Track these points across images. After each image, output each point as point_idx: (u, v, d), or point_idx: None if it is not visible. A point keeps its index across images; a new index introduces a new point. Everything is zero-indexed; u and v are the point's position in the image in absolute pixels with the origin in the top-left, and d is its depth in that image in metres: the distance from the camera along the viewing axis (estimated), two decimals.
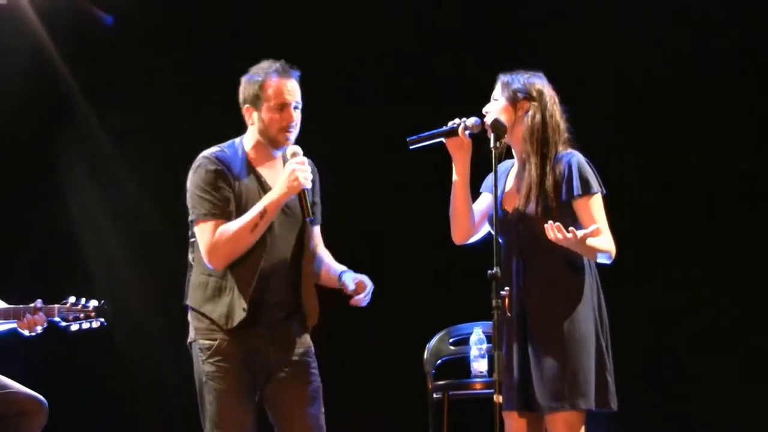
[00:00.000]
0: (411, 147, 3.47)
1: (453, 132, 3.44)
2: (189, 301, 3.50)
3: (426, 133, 3.46)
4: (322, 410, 3.50)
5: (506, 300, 3.23)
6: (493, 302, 3.19)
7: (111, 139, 5.58)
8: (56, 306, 4.03)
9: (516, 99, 3.47)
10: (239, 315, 3.38)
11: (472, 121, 3.45)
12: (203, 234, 3.41)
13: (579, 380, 3.32)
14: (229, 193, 3.42)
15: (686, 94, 5.26)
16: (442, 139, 3.45)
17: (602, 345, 3.39)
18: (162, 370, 5.33)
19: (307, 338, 3.54)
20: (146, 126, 5.51)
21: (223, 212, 3.40)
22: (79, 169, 5.63)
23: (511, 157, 3.58)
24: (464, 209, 3.49)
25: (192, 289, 3.49)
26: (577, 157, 3.44)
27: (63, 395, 4.45)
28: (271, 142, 3.49)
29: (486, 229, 3.57)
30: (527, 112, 3.45)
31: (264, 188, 3.46)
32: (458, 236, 3.54)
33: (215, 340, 3.42)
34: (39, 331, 4.02)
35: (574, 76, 4.97)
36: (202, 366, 3.42)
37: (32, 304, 4.01)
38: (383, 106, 5.50)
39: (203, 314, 3.44)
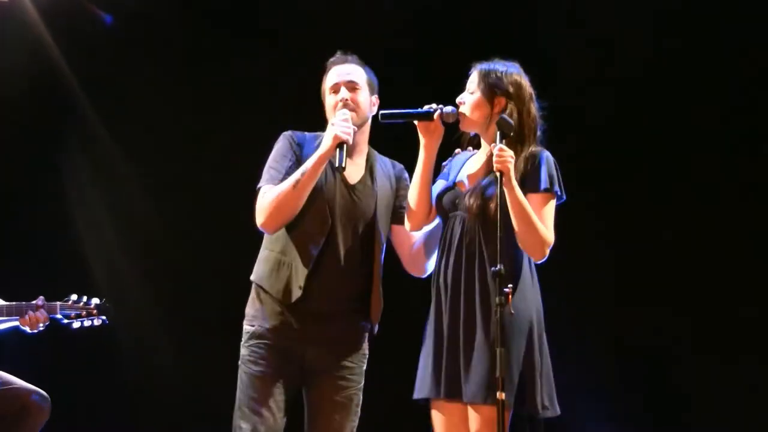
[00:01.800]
0: (382, 121, 3.45)
1: (428, 116, 3.40)
2: (253, 276, 3.55)
3: (401, 111, 3.43)
4: (352, 419, 3.48)
5: (509, 297, 3.18)
6: (497, 299, 3.14)
7: (112, 136, 5.58)
8: (58, 303, 4.05)
9: (493, 94, 3.42)
10: (296, 293, 3.39)
11: (449, 109, 3.41)
12: (258, 200, 3.47)
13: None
14: (293, 166, 3.46)
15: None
16: (414, 121, 3.41)
17: (535, 343, 3.33)
18: (164, 367, 5.34)
19: (362, 340, 3.53)
20: (148, 124, 5.51)
21: (281, 181, 3.44)
22: (79, 166, 5.62)
23: (478, 146, 3.54)
24: (426, 195, 3.44)
25: (257, 264, 3.55)
26: (549, 155, 3.41)
27: (65, 391, 4.44)
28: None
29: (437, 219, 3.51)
30: (504, 109, 3.41)
31: (333, 172, 3.47)
32: (416, 222, 3.47)
33: (256, 326, 3.46)
34: (41, 329, 4.03)
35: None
36: (241, 350, 3.48)
37: (34, 302, 4.02)
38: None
39: (263, 288, 3.47)
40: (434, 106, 3.41)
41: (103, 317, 4.08)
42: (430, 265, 3.55)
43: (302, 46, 5.24)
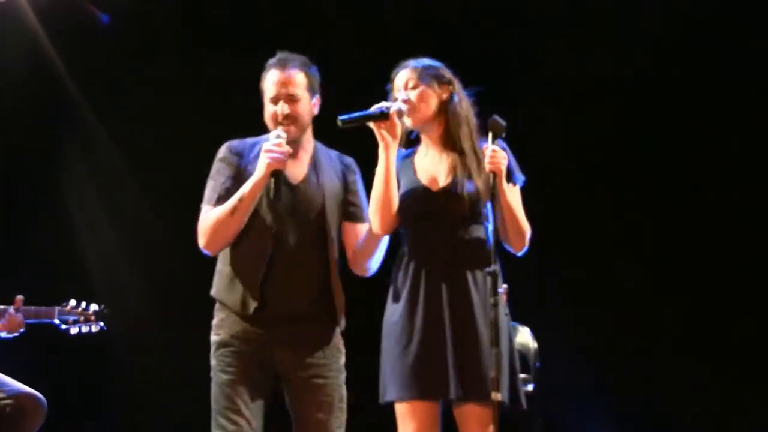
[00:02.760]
0: (342, 127, 3.34)
1: (384, 115, 3.32)
2: (212, 290, 3.51)
3: (357, 114, 3.33)
4: (337, 416, 3.41)
5: (504, 296, 3.19)
6: (491, 299, 3.13)
7: (111, 139, 5.58)
8: (56, 308, 4.01)
9: (438, 84, 3.43)
10: (252, 304, 3.35)
11: (400, 105, 3.35)
12: (199, 220, 3.43)
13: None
14: (231, 181, 3.41)
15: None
16: (370, 123, 3.33)
17: (511, 342, 3.37)
18: (161, 370, 5.34)
19: (330, 337, 3.45)
20: (147, 125, 5.51)
21: (219, 199, 3.39)
22: (78, 169, 5.63)
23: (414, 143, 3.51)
24: (391, 197, 3.35)
25: (214, 278, 3.50)
26: (504, 145, 3.39)
27: (61, 394, 4.44)
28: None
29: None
30: (452, 97, 3.42)
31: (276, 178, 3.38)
32: (386, 226, 3.38)
33: (222, 335, 3.42)
34: (20, 332, 3.96)
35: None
36: (211, 360, 3.44)
37: (11, 307, 3.93)
38: None
39: (222, 302, 3.44)
40: (385, 104, 3.35)
41: (101, 323, 4.04)
42: (374, 264, 3.48)
43: (303, 47, 5.24)
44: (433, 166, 3.44)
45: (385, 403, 3.35)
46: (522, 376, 4.44)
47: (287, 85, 3.43)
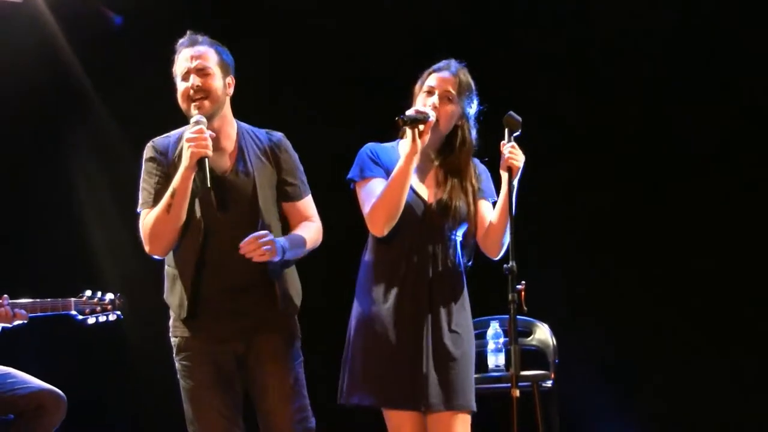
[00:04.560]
0: (402, 125, 3.34)
1: (424, 121, 3.32)
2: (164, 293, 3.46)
3: (411, 115, 3.32)
4: (301, 402, 3.35)
5: (521, 294, 3.20)
6: (510, 296, 3.16)
7: (123, 134, 5.58)
8: (72, 299, 4.02)
9: (462, 110, 3.45)
10: (188, 305, 3.28)
11: (434, 116, 3.35)
12: (139, 225, 3.36)
13: (471, 382, 3.38)
14: (162, 180, 3.32)
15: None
16: (417, 124, 3.31)
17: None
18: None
19: (282, 324, 3.38)
20: (158, 120, 5.50)
21: (154, 201, 3.31)
22: (89, 164, 5.63)
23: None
24: (402, 202, 3.34)
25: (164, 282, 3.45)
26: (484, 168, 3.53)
27: (81, 390, 4.45)
28: (187, 116, 3.34)
29: None
30: (466, 123, 3.47)
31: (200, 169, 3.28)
32: (388, 225, 3.34)
33: (177, 336, 3.37)
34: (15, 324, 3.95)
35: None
36: (175, 363, 3.39)
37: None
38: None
39: (169, 306, 3.40)
40: (424, 109, 3.35)
41: (118, 312, 4.05)
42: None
43: (304, 47, 5.26)
44: (430, 175, 3.47)
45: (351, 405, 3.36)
46: (541, 372, 4.50)
47: (197, 58, 3.33)
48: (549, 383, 4.52)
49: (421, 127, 3.31)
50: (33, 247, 5.40)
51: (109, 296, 4.05)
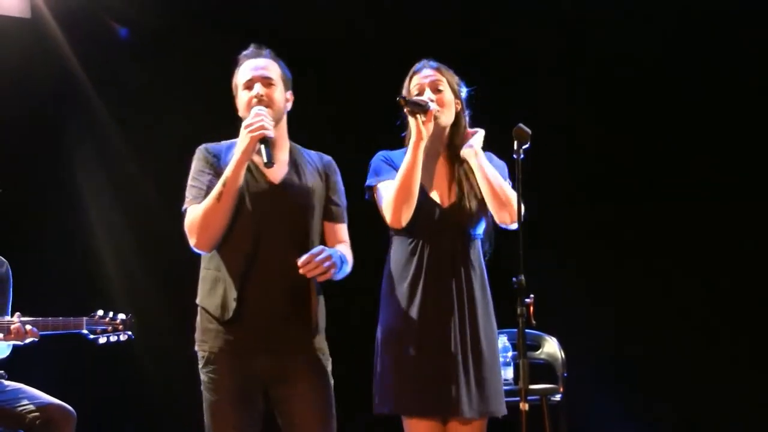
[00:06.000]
0: (401, 104, 3.38)
1: (425, 110, 3.36)
2: (197, 298, 3.43)
3: (413, 99, 3.39)
4: (327, 420, 3.34)
5: (530, 308, 3.18)
6: (518, 310, 3.14)
7: (129, 146, 5.60)
8: (84, 318, 4.03)
9: (456, 95, 3.51)
10: (231, 305, 3.27)
11: (435, 106, 3.40)
12: (185, 222, 3.35)
13: (500, 387, 3.41)
14: (214, 180, 3.31)
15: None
16: (417, 112, 3.35)
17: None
18: (186, 379, 5.34)
19: (314, 341, 3.36)
20: (165, 130, 5.51)
21: (202, 198, 3.31)
22: (97, 177, 5.64)
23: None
24: (415, 190, 3.36)
25: (199, 285, 3.42)
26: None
27: (90, 405, 4.46)
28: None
29: None
30: (462, 110, 3.52)
31: (254, 175, 3.33)
32: (405, 217, 3.37)
33: (206, 350, 3.35)
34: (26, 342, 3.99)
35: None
36: (200, 375, 3.38)
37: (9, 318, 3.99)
38: None
39: (204, 309, 3.37)
40: (425, 99, 3.40)
41: (129, 332, 4.07)
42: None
43: (306, 49, 5.26)
44: (438, 177, 3.49)
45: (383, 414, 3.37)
46: (550, 386, 4.49)
47: (262, 69, 3.39)
48: (558, 397, 4.51)
49: (423, 117, 3.35)
50: (38, 263, 5.39)
51: (121, 316, 4.07)
